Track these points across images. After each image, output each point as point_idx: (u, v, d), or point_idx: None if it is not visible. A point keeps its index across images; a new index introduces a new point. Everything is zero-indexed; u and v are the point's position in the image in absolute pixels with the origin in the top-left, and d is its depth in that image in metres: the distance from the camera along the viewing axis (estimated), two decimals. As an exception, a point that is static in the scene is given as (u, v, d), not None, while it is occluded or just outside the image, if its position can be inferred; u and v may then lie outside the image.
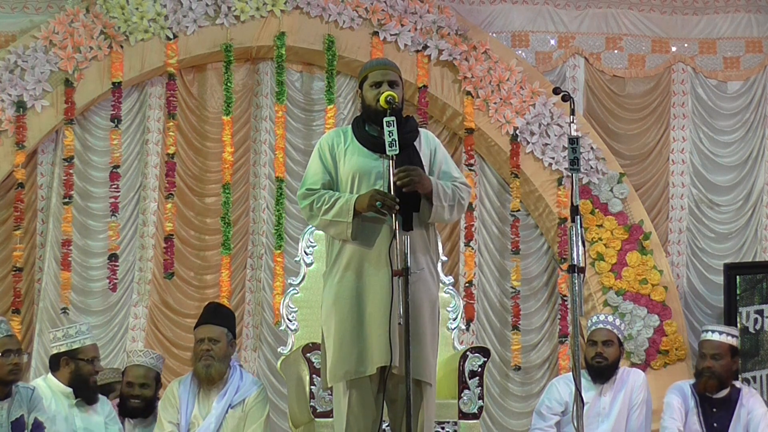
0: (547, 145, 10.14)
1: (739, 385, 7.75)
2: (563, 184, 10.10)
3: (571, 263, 5.46)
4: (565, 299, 10.06)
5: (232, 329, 7.33)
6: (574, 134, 5.58)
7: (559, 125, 10.13)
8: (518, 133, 10.10)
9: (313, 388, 6.69)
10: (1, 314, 9.30)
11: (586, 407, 6.99)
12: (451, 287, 7.47)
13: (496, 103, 10.11)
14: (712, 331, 7.75)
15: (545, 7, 10.50)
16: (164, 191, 9.81)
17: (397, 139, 5.35)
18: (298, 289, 7.30)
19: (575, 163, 5.55)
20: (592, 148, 10.16)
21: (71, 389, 7.02)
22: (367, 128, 5.58)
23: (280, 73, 9.89)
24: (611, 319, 7.94)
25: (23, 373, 7.07)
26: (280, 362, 7.40)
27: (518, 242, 10.16)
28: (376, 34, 10.02)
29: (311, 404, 6.71)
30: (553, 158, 10.14)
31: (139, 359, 7.56)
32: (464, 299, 9.65)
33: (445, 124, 10.29)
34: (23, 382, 6.90)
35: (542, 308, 10.27)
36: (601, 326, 7.83)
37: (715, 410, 7.63)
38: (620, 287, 10.06)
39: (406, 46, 10.05)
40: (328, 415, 6.55)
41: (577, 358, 5.57)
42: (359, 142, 5.57)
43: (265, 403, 7.26)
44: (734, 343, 7.71)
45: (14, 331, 7.14)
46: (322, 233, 6.00)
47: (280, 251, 9.72)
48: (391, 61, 5.82)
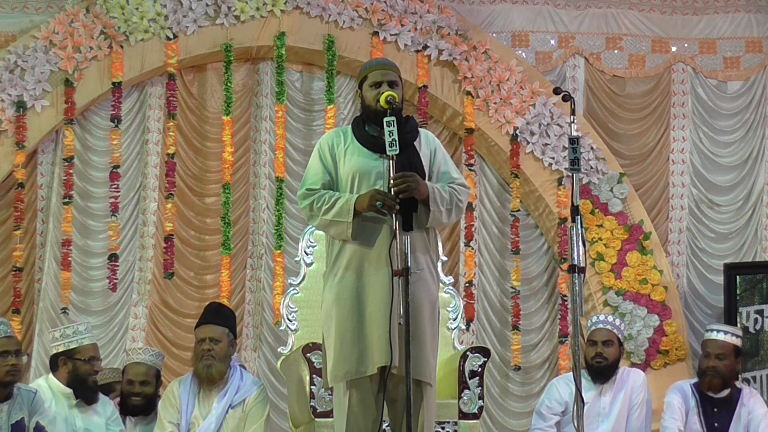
0: (547, 145, 10.14)
1: (739, 385, 7.75)
2: (563, 184, 10.09)
3: (571, 263, 5.46)
4: (565, 299, 10.06)
5: (233, 329, 7.33)
6: (574, 134, 5.57)
7: (559, 125, 10.13)
8: (518, 133, 10.09)
9: (313, 388, 6.69)
10: (1, 314, 9.31)
11: (586, 407, 6.98)
12: (451, 287, 7.46)
13: (496, 103, 10.11)
14: (717, 330, 7.74)
15: (545, 7, 10.50)
16: (164, 191, 9.81)
17: (397, 139, 5.35)
18: (298, 289, 7.29)
19: (575, 163, 5.55)
20: (592, 148, 10.15)
21: (71, 389, 7.03)
22: (367, 128, 5.58)
23: (280, 73, 9.89)
24: (611, 319, 7.94)
25: (22, 374, 7.05)
26: (280, 362, 7.40)
27: (518, 242, 10.16)
28: (376, 34, 10.02)
29: (311, 404, 6.70)
30: (553, 158, 10.14)
31: (139, 357, 7.55)
32: (464, 299, 9.65)
33: (445, 124, 10.29)
34: (24, 383, 6.89)
35: (542, 308, 10.26)
36: (601, 326, 7.83)
37: (716, 410, 7.63)
38: (620, 287, 10.06)
39: (406, 46, 10.05)
40: (328, 415, 6.54)
41: (577, 358, 5.57)
42: (359, 142, 5.56)
43: (265, 403, 7.26)
44: (738, 343, 7.71)
45: (14, 331, 7.11)
46: (322, 233, 6.00)
47: (280, 251, 9.72)
48: (390, 61, 5.82)
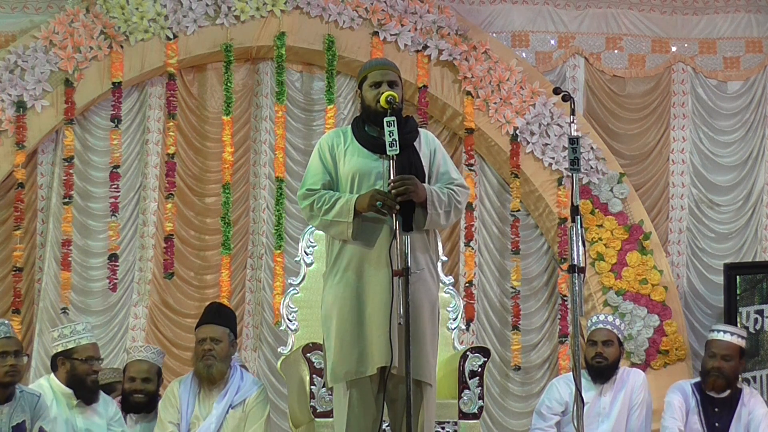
0: (547, 145, 10.14)
1: (740, 385, 7.75)
2: (563, 184, 10.09)
3: (571, 263, 5.46)
4: (565, 299, 10.06)
5: (233, 329, 7.33)
6: (574, 134, 5.57)
7: (559, 125, 10.13)
8: (518, 133, 10.09)
9: (313, 388, 6.69)
10: (1, 314, 9.31)
11: (586, 407, 6.98)
12: (451, 287, 7.46)
13: (496, 103, 10.11)
14: (724, 331, 7.72)
15: (545, 7, 10.50)
16: (164, 191, 9.81)
17: (397, 139, 5.34)
18: (298, 289, 7.29)
19: (575, 163, 5.55)
20: (592, 148, 10.15)
21: (71, 390, 7.02)
22: (366, 129, 5.57)
23: (280, 73, 9.89)
24: (611, 319, 7.93)
25: (22, 375, 7.05)
26: (280, 362, 7.39)
27: (518, 242, 10.16)
28: (376, 34, 10.02)
29: (311, 404, 6.70)
30: (553, 158, 10.14)
31: (141, 354, 7.56)
32: (464, 299, 9.65)
33: (445, 124, 10.29)
34: (24, 383, 6.88)
35: (542, 308, 10.26)
36: (601, 326, 7.82)
37: (716, 410, 7.62)
38: (620, 287, 10.06)
39: (406, 46, 10.05)
40: (328, 415, 6.54)
41: (577, 358, 5.57)
42: (359, 142, 5.56)
43: (265, 403, 7.26)
44: (743, 344, 7.70)
45: (15, 332, 7.11)
46: (322, 233, 6.00)
47: (280, 251, 9.72)
48: (390, 61, 5.82)
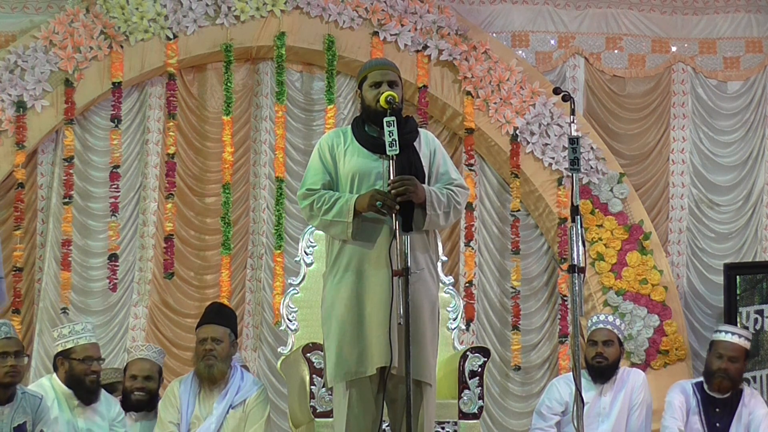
0: (547, 145, 10.14)
1: (740, 385, 7.74)
2: (563, 184, 10.09)
3: (571, 263, 5.46)
4: (565, 299, 10.06)
5: (234, 330, 7.34)
6: (574, 134, 5.57)
7: (559, 125, 10.12)
8: (518, 133, 10.09)
9: (313, 388, 6.69)
10: (1, 314, 9.30)
11: (586, 407, 6.98)
12: (451, 287, 7.46)
13: (496, 103, 10.10)
14: (732, 333, 7.69)
15: (545, 7, 10.50)
16: (164, 191, 9.81)
17: (397, 139, 5.34)
18: (298, 289, 7.28)
19: (575, 163, 5.55)
20: (592, 148, 10.15)
21: (71, 390, 7.02)
22: (366, 129, 5.57)
23: (280, 73, 9.89)
24: (611, 319, 7.93)
25: (22, 375, 7.05)
26: (280, 362, 7.39)
27: (518, 242, 10.16)
28: (376, 34, 10.02)
29: (311, 404, 6.70)
30: (553, 158, 10.14)
31: (142, 353, 7.58)
32: (464, 299, 9.64)
33: (445, 124, 10.29)
34: (27, 384, 6.89)
35: (542, 308, 10.26)
36: (601, 326, 7.82)
37: (717, 410, 7.61)
38: (620, 287, 10.06)
39: (406, 46, 10.05)
40: (328, 415, 6.54)
41: (577, 358, 5.57)
42: (359, 142, 5.56)
43: (265, 403, 7.26)
44: (749, 346, 7.70)
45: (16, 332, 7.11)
46: (322, 233, 6.00)
47: (280, 251, 9.72)
48: (390, 61, 5.82)
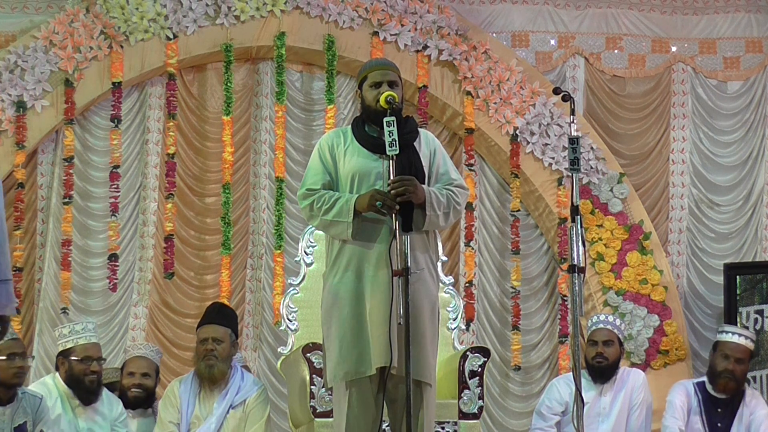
0: (547, 145, 10.14)
1: (743, 386, 7.74)
2: (563, 184, 10.09)
3: (571, 263, 5.46)
4: (565, 299, 10.06)
5: (235, 330, 7.35)
6: (574, 134, 5.57)
7: (559, 125, 10.12)
8: (518, 133, 10.09)
9: (313, 388, 6.69)
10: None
11: (586, 407, 6.98)
12: (451, 287, 7.46)
13: (496, 103, 10.10)
14: (739, 334, 7.67)
15: (545, 7, 10.49)
16: (164, 191, 9.81)
17: (397, 139, 5.34)
18: (298, 289, 7.28)
19: (575, 163, 5.55)
20: (592, 148, 10.15)
21: (71, 390, 7.04)
22: (366, 129, 5.57)
23: (280, 73, 9.89)
24: (611, 319, 7.94)
25: (26, 376, 7.10)
26: (280, 362, 7.39)
27: (518, 242, 10.15)
28: (376, 34, 10.02)
29: (311, 404, 6.70)
30: (553, 158, 10.14)
31: (139, 351, 7.63)
32: (464, 299, 9.64)
33: (445, 124, 10.29)
34: (28, 384, 6.91)
35: (542, 308, 10.26)
36: (601, 326, 7.83)
37: (719, 410, 7.61)
38: (620, 287, 10.05)
39: (406, 46, 10.05)
40: (328, 415, 6.54)
41: (577, 358, 5.57)
42: (359, 142, 5.56)
43: (266, 403, 7.27)
44: (753, 347, 7.70)
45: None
46: (322, 233, 6.00)
47: (280, 251, 9.71)
48: (390, 61, 5.82)
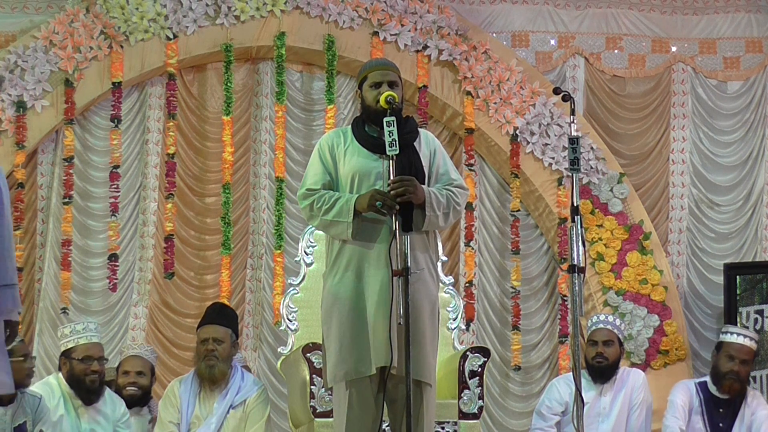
0: (547, 145, 10.14)
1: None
2: (563, 184, 10.09)
3: (571, 263, 5.46)
4: (565, 299, 10.06)
5: (235, 330, 7.35)
6: (574, 134, 5.57)
7: (559, 125, 10.12)
8: (518, 133, 10.09)
9: (313, 388, 6.69)
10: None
11: (586, 407, 6.98)
12: (451, 287, 7.46)
13: (496, 103, 10.10)
14: (744, 335, 7.65)
15: (545, 7, 10.49)
16: (164, 191, 9.81)
17: (397, 139, 5.34)
18: (298, 289, 7.28)
19: (575, 163, 5.55)
20: (592, 148, 10.15)
21: (73, 389, 7.05)
22: (366, 129, 5.57)
23: (280, 73, 9.89)
24: (611, 319, 7.94)
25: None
26: (280, 362, 7.39)
27: (518, 242, 10.15)
28: (376, 34, 10.02)
29: (311, 404, 6.70)
30: (553, 158, 10.14)
31: (134, 351, 7.68)
32: (464, 299, 9.64)
33: (445, 124, 10.29)
34: (32, 385, 6.94)
35: (542, 308, 10.26)
36: (601, 326, 7.83)
37: (721, 410, 7.60)
38: (620, 287, 10.05)
39: (406, 46, 10.05)
40: (328, 415, 6.54)
41: (577, 358, 5.57)
42: (359, 142, 5.56)
43: (266, 403, 7.27)
44: (756, 347, 7.70)
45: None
46: (322, 233, 6.00)
47: (280, 251, 9.71)
48: (390, 61, 5.82)
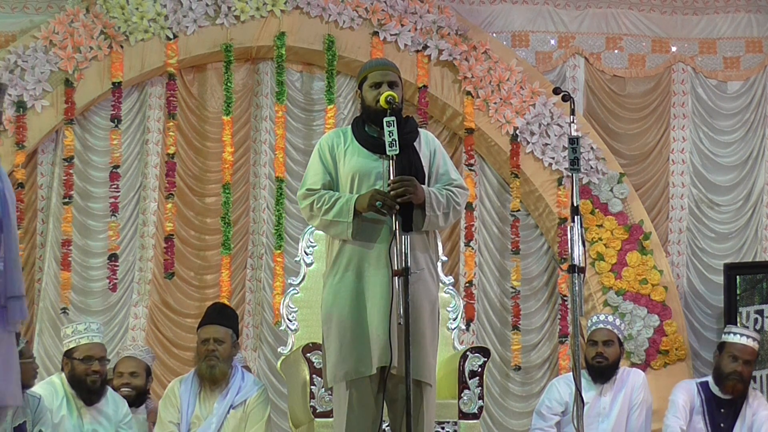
0: (547, 145, 10.14)
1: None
2: (563, 184, 10.09)
3: (571, 263, 5.46)
4: (565, 299, 10.06)
5: (236, 330, 7.35)
6: (574, 134, 5.57)
7: (559, 125, 10.12)
8: (518, 133, 10.09)
9: (313, 388, 6.69)
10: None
11: (586, 407, 6.98)
12: (451, 287, 7.46)
13: (496, 103, 10.10)
14: (747, 336, 7.65)
15: (545, 7, 10.49)
16: (164, 191, 9.81)
17: (397, 139, 5.34)
18: (298, 289, 7.28)
19: (575, 163, 5.55)
20: (592, 148, 10.15)
21: (74, 390, 7.06)
22: (366, 129, 5.57)
23: (280, 73, 9.89)
24: (611, 319, 7.94)
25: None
26: (280, 362, 7.39)
27: (518, 242, 10.15)
28: (376, 34, 10.02)
29: (311, 404, 6.70)
30: (553, 158, 10.14)
31: (129, 352, 7.69)
32: (464, 299, 9.64)
33: (445, 124, 10.29)
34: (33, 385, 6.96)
35: (542, 308, 10.26)
36: (601, 326, 7.83)
37: (722, 410, 7.60)
38: (620, 287, 10.05)
39: (406, 46, 10.05)
40: (328, 415, 6.54)
41: (577, 358, 5.57)
42: (359, 142, 5.56)
43: (266, 404, 7.27)
44: (758, 347, 7.70)
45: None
46: (322, 233, 6.00)
47: (280, 251, 9.71)
48: (390, 61, 5.82)
